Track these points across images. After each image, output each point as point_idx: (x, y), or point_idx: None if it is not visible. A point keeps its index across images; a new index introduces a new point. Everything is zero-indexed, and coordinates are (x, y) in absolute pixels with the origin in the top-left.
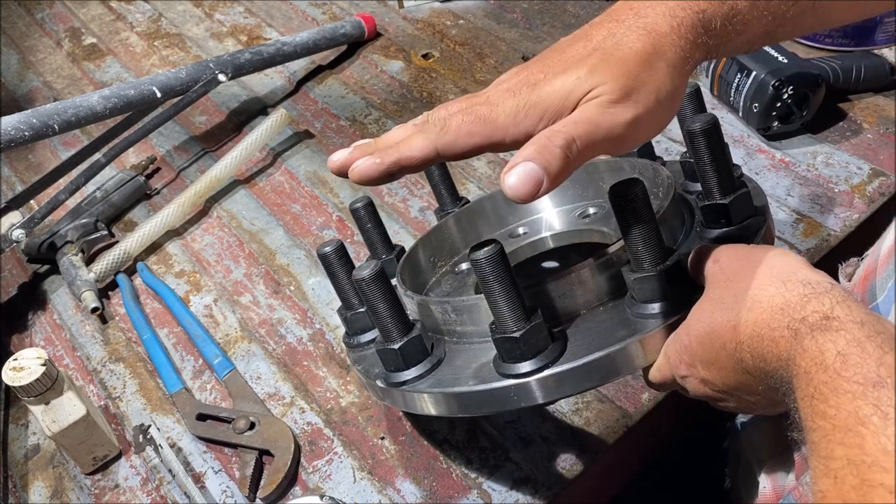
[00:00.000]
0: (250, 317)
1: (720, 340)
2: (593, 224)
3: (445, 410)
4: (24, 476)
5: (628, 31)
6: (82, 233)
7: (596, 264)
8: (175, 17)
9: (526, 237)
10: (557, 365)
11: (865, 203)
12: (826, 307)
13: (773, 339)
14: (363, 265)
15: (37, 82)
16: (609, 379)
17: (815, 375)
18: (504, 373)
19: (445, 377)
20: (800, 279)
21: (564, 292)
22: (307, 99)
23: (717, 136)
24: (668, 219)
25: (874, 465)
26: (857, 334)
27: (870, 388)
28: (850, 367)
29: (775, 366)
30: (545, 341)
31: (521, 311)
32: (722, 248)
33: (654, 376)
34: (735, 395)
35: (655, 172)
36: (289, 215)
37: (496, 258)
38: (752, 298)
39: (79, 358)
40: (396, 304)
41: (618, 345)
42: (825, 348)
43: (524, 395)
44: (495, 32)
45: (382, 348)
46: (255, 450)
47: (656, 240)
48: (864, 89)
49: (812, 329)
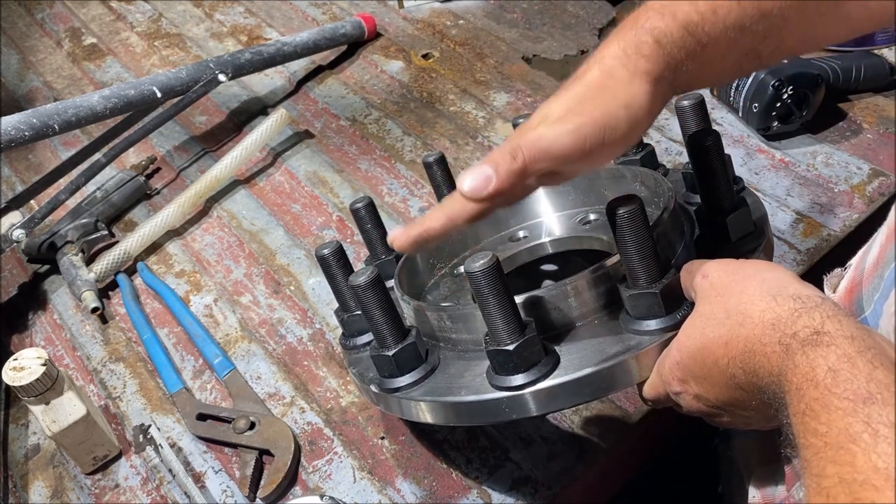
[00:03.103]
0: (250, 317)
1: (712, 357)
2: (593, 231)
3: (438, 419)
4: (25, 476)
5: (589, 66)
6: (82, 233)
7: (592, 277)
8: (175, 17)
9: (526, 241)
10: (550, 379)
11: (865, 203)
12: (816, 322)
13: (764, 355)
14: (360, 271)
15: (37, 82)
16: (602, 394)
17: (807, 392)
18: (497, 385)
19: (439, 385)
20: (790, 293)
21: (559, 304)
22: (307, 99)
23: (718, 152)
24: (666, 231)
25: (865, 483)
26: (847, 349)
27: (860, 404)
28: (841, 382)
29: (767, 381)
30: (538, 355)
31: (516, 324)
32: (711, 263)
33: (647, 393)
34: (729, 410)
35: (657, 183)
36: (289, 215)
37: (492, 271)
38: (742, 314)
39: (79, 358)
40: (392, 310)
41: (612, 361)
42: (816, 364)
43: (516, 408)
44: (495, 32)
45: (377, 354)
46: (256, 450)
47: (652, 256)
48: (864, 89)
49: (803, 344)
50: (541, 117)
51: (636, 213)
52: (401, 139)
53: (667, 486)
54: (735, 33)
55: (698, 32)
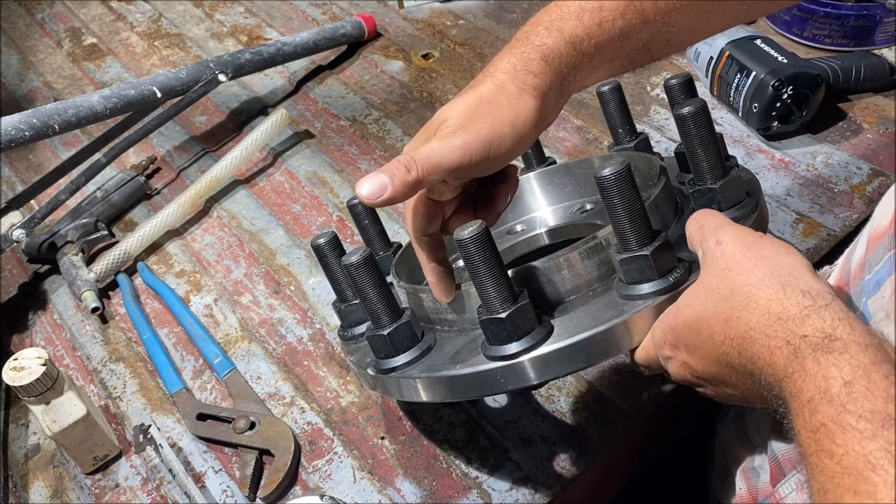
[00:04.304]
0: (250, 317)
1: (708, 330)
2: (590, 218)
3: (434, 396)
4: (25, 476)
5: (483, 77)
6: (82, 233)
7: (584, 248)
8: (175, 17)
9: (523, 234)
10: (544, 346)
11: (865, 203)
12: (827, 324)
13: (767, 347)
14: (353, 251)
15: (37, 82)
16: (597, 359)
17: (820, 406)
18: (491, 355)
19: (435, 363)
20: (800, 286)
21: (553, 277)
22: (307, 99)
23: (706, 120)
24: (659, 205)
25: None
26: (861, 360)
27: (879, 427)
28: (858, 400)
29: (768, 373)
30: (532, 322)
31: (508, 292)
32: (728, 229)
33: (639, 355)
34: (713, 383)
35: (649, 163)
36: (289, 215)
37: (481, 237)
38: (748, 296)
39: (79, 358)
40: (386, 290)
41: (604, 325)
42: (830, 374)
43: (511, 378)
44: (495, 32)
45: (372, 335)
46: (256, 449)
47: (643, 219)
48: (864, 89)
49: (814, 349)
50: (437, 124)
51: (623, 175)
52: (401, 139)
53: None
54: (621, 41)
55: (583, 46)
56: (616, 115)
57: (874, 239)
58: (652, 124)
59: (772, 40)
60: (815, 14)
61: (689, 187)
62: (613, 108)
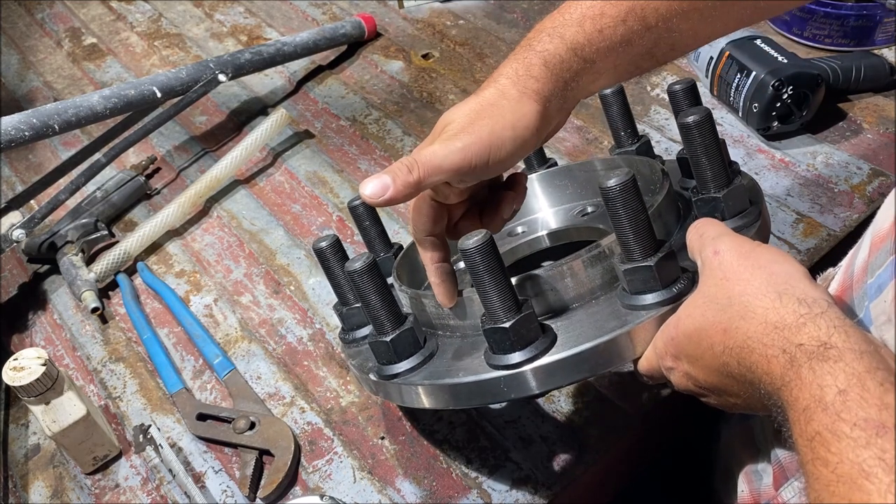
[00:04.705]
0: (250, 317)
1: (708, 340)
2: (591, 221)
3: (436, 402)
4: (25, 476)
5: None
6: (82, 233)
7: (588, 257)
8: (175, 17)
9: (524, 236)
10: (548, 356)
11: (865, 203)
12: (822, 332)
13: (764, 356)
14: (356, 257)
15: (37, 82)
16: (599, 370)
17: (815, 415)
18: (494, 364)
19: (437, 370)
20: (796, 295)
21: (556, 285)
22: (307, 99)
23: (711, 129)
24: (662, 213)
25: None
26: (856, 367)
27: (873, 435)
28: (852, 408)
29: (766, 382)
30: (535, 332)
31: (512, 302)
32: (726, 238)
33: (641, 366)
34: (716, 393)
35: (651, 169)
36: (289, 215)
37: (486, 248)
38: (745, 305)
39: (79, 358)
40: (389, 296)
41: (608, 335)
42: (824, 383)
43: (514, 387)
44: (495, 32)
45: (375, 341)
46: (255, 450)
47: (647, 230)
48: (864, 89)
49: (809, 357)
50: (441, 128)
51: (628, 186)
52: (401, 139)
53: (667, 485)
54: (623, 47)
55: (585, 52)
56: (618, 118)
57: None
58: (652, 124)
59: (772, 40)
60: (815, 14)
61: (693, 195)
62: (616, 110)
